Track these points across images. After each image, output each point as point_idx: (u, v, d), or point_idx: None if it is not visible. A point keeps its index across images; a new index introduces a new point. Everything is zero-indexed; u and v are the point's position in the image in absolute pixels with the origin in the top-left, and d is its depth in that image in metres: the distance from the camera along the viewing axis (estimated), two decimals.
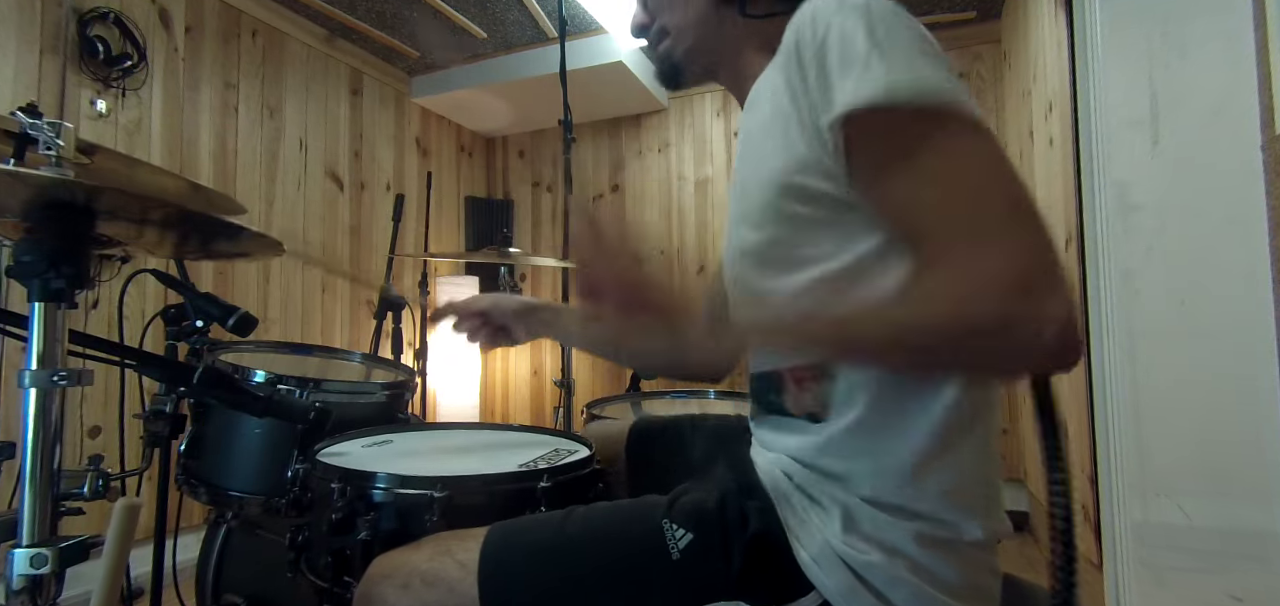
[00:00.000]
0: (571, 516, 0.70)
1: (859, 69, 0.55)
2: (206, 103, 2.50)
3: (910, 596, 0.58)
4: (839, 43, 0.56)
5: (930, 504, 0.60)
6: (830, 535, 0.60)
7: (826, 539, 0.61)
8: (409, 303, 2.47)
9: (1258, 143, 1.18)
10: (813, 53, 0.58)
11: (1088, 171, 1.75)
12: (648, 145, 3.67)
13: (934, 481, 0.60)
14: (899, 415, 0.61)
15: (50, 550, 0.71)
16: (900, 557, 0.59)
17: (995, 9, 2.86)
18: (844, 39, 0.56)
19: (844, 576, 0.59)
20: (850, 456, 0.62)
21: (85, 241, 0.78)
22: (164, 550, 1.20)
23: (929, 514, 0.59)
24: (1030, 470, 2.70)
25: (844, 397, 0.63)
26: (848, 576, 0.59)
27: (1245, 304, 1.33)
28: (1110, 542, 1.66)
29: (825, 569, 0.60)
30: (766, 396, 0.72)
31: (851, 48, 0.55)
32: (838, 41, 0.56)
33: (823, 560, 0.60)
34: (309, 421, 0.97)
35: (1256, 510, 1.37)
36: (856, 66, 0.55)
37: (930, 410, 0.60)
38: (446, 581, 0.65)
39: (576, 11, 2.79)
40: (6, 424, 1.92)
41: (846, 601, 0.59)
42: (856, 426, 0.62)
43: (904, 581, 0.58)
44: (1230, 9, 1.33)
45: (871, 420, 0.62)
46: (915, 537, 0.59)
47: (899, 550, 0.59)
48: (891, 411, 0.62)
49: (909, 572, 0.58)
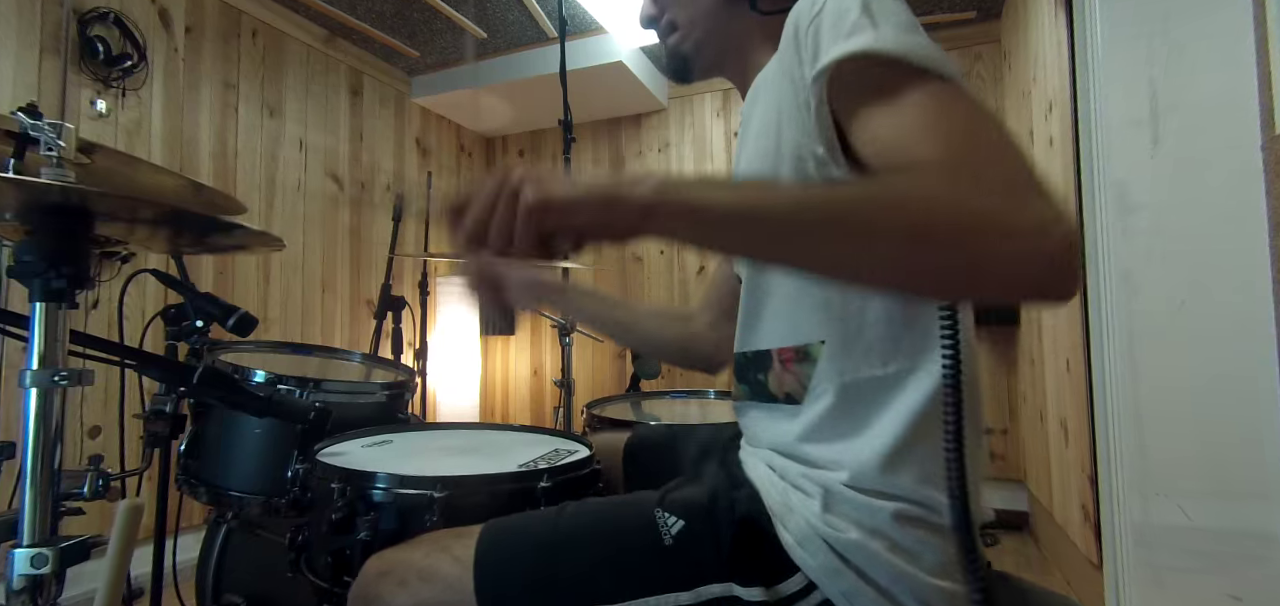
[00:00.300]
0: (565, 511, 0.71)
1: (848, 30, 0.56)
2: (206, 103, 2.50)
3: (890, 575, 0.59)
4: (833, 15, 0.58)
5: (909, 486, 0.61)
6: (811, 516, 0.62)
7: (808, 519, 0.62)
8: (408, 303, 2.47)
9: (1258, 143, 1.18)
10: (808, 27, 0.60)
11: (1088, 171, 1.75)
12: (648, 145, 3.67)
13: (913, 463, 0.61)
14: (878, 400, 0.63)
15: (50, 550, 0.71)
16: (880, 537, 0.60)
17: (995, 9, 2.86)
18: (838, 12, 0.58)
19: (826, 556, 0.60)
20: (829, 441, 0.64)
21: (85, 241, 0.78)
22: (164, 550, 1.20)
23: (907, 495, 0.61)
24: (1030, 470, 2.70)
25: (822, 381, 0.65)
26: (830, 555, 0.60)
27: (1245, 304, 1.32)
28: (1110, 542, 1.66)
29: (808, 549, 0.61)
30: (753, 375, 0.74)
31: (844, 18, 0.57)
32: (832, 14, 0.58)
33: (806, 541, 0.62)
34: (309, 421, 0.97)
35: (1256, 510, 1.37)
36: (846, 29, 0.56)
37: (909, 394, 0.62)
38: (443, 577, 0.66)
39: (576, 11, 2.79)
40: (7, 424, 1.92)
41: (829, 580, 0.60)
42: (833, 412, 0.64)
43: (884, 560, 0.59)
44: (1230, 9, 1.33)
45: (848, 406, 0.64)
46: (894, 517, 0.60)
47: (879, 530, 0.60)
48: (869, 397, 0.63)
49: (888, 552, 0.59)
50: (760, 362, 0.73)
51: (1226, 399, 1.42)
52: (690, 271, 3.54)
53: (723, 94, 3.48)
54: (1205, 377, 1.46)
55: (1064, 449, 2.12)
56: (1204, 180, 1.46)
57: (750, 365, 0.75)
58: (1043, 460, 2.45)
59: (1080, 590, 1.97)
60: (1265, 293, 1.15)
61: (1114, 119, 1.66)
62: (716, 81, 4.05)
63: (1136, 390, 1.61)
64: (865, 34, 0.55)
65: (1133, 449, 1.61)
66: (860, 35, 0.55)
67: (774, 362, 0.71)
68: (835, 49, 0.56)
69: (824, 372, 0.65)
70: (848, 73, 0.56)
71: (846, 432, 0.64)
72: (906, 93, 0.53)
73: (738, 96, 3.64)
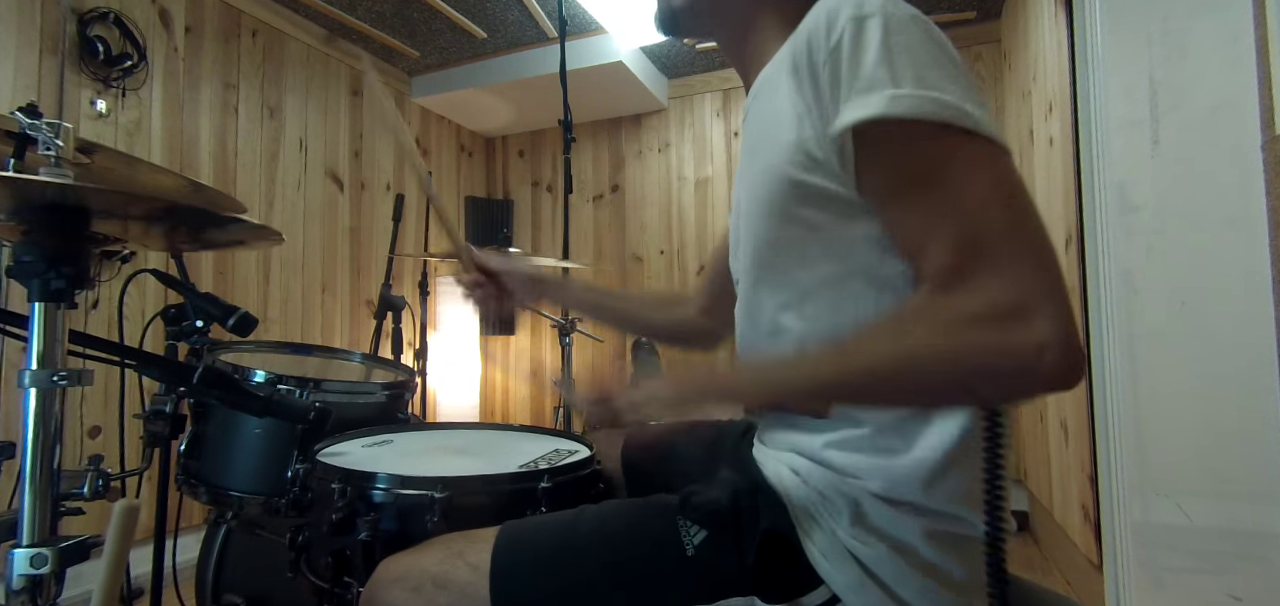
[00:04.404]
0: (583, 516, 0.69)
1: (866, 84, 0.54)
2: (206, 103, 2.49)
3: (918, 591, 0.58)
4: (850, 56, 0.55)
5: (945, 502, 0.59)
6: (839, 529, 0.61)
7: (835, 532, 0.61)
8: (408, 303, 2.47)
9: (1258, 143, 1.18)
10: (825, 56, 0.57)
11: (1088, 171, 1.75)
12: (648, 145, 3.67)
13: (952, 480, 0.59)
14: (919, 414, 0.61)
15: (50, 550, 0.71)
16: (909, 553, 0.59)
17: (995, 9, 2.86)
18: (857, 47, 0.55)
19: (853, 571, 0.59)
20: (864, 453, 0.62)
21: (85, 241, 0.78)
22: (164, 550, 1.20)
23: (942, 511, 0.59)
24: (1030, 470, 2.70)
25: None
26: (856, 570, 0.59)
27: (1245, 304, 1.32)
28: (1110, 543, 1.66)
29: (834, 563, 0.60)
30: None
31: (861, 62, 0.55)
32: (850, 48, 0.56)
33: (832, 554, 0.60)
34: (309, 421, 0.97)
35: (1257, 510, 1.37)
36: (864, 81, 0.54)
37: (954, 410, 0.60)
38: (458, 584, 0.65)
39: (576, 11, 2.78)
40: (6, 424, 1.92)
41: (855, 596, 0.59)
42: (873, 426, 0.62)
43: (912, 576, 0.58)
44: (1230, 9, 1.33)
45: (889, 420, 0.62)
46: (925, 533, 0.59)
47: (908, 545, 0.59)
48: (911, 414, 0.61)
49: (917, 568, 0.58)
50: None
51: (1226, 399, 1.42)
52: (690, 271, 3.54)
53: (723, 94, 3.48)
54: (1205, 378, 1.46)
55: (1064, 449, 2.12)
56: (1204, 180, 1.46)
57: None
58: (1043, 460, 2.45)
59: (1080, 590, 1.97)
60: (1265, 293, 1.15)
61: (1114, 119, 1.66)
62: (716, 81, 4.02)
63: (1136, 390, 1.61)
64: (881, 92, 0.53)
65: (1133, 449, 1.61)
66: (876, 93, 0.53)
67: None
68: (852, 108, 0.55)
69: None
70: (865, 138, 0.56)
71: (886, 446, 0.61)
72: (920, 162, 0.54)
73: (738, 97, 3.62)
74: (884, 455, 0.61)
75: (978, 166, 0.53)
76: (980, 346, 0.50)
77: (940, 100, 0.52)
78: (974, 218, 0.52)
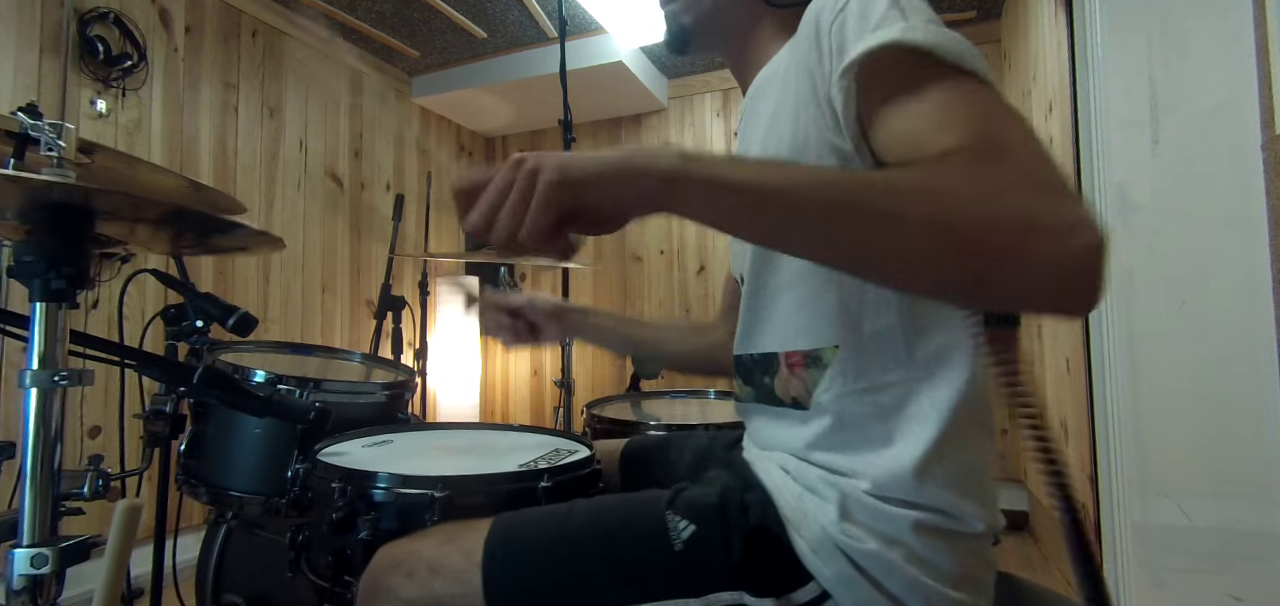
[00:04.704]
0: (574, 508, 0.70)
1: (877, 23, 0.55)
2: (206, 103, 2.50)
3: (906, 585, 0.58)
4: (858, 11, 0.57)
5: (934, 495, 0.59)
6: (827, 524, 0.61)
7: (824, 527, 0.61)
8: (408, 303, 2.47)
9: (1258, 142, 1.18)
10: (831, 23, 0.59)
11: (1088, 171, 1.75)
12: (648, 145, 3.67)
13: (941, 473, 0.59)
14: (903, 409, 0.61)
15: (50, 550, 0.71)
16: (898, 547, 0.59)
17: (995, 9, 2.86)
18: (864, 7, 0.57)
19: (841, 565, 0.59)
20: (850, 449, 0.63)
21: (85, 241, 0.78)
22: (164, 550, 1.20)
23: (932, 505, 0.59)
24: (1030, 470, 2.70)
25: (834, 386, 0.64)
26: (845, 565, 0.59)
27: (1245, 304, 1.32)
28: (1110, 543, 1.66)
29: (822, 557, 0.60)
30: (758, 378, 0.73)
31: (871, 11, 0.56)
32: (857, 10, 0.57)
33: (820, 549, 0.60)
34: (309, 421, 0.97)
35: (1256, 510, 1.37)
36: (874, 21, 0.55)
37: (937, 403, 0.60)
38: (451, 570, 0.65)
39: (576, 11, 2.79)
40: (6, 424, 1.92)
41: (844, 590, 0.59)
42: (851, 420, 0.63)
43: (901, 570, 0.58)
44: (1230, 9, 1.33)
45: (868, 414, 0.62)
46: (914, 527, 0.59)
47: (897, 539, 0.59)
48: (892, 407, 0.62)
49: (906, 562, 0.58)
50: (766, 365, 0.72)
51: (1226, 399, 1.42)
52: (690, 272, 3.53)
53: (723, 94, 3.48)
54: (1205, 378, 1.46)
55: (1064, 449, 2.12)
56: (1204, 180, 1.46)
57: (755, 367, 0.74)
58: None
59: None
60: (1265, 292, 1.15)
61: (1114, 119, 1.66)
62: (716, 81, 4.02)
63: (1136, 390, 1.61)
64: (894, 25, 0.54)
65: (1133, 449, 1.61)
66: (889, 27, 0.54)
67: (781, 366, 0.70)
68: (863, 41, 0.55)
69: (835, 378, 0.64)
70: (875, 65, 0.55)
71: (869, 441, 0.62)
72: (934, 85, 0.52)
73: (737, 96, 3.61)
74: (871, 450, 0.61)
75: (991, 100, 0.52)
76: (1002, 201, 0.44)
77: (951, 43, 0.53)
78: (990, 129, 0.49)
